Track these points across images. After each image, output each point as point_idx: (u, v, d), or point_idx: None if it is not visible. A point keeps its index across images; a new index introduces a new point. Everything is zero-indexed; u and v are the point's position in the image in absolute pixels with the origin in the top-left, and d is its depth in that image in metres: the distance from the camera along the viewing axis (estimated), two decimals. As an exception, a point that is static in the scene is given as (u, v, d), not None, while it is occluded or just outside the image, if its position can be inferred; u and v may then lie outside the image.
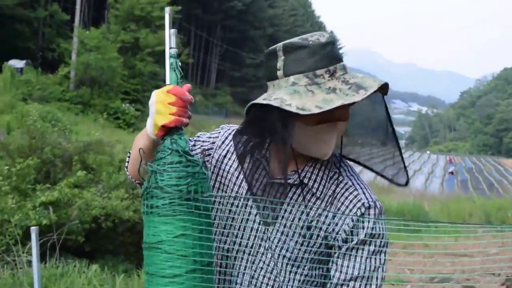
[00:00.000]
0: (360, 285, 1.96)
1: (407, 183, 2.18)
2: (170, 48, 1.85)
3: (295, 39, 1.96)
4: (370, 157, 2.25)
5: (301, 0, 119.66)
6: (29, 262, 11.07)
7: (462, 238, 14.12)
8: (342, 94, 1.83)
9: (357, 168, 2.26)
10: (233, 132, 2.12)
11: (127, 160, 2.28)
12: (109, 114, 36.08)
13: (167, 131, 1.78)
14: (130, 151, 2.21)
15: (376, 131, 2.26)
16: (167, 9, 1.86)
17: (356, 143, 2.31)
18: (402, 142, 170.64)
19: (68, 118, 22.34)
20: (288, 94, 1.87)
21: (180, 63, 1.85)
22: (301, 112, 1.78)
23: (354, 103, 1.83)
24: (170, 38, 1.86)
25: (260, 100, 1.91)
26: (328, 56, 1.90)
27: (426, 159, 78.08)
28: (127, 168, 2.28)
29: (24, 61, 38.76)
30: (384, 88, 1.94)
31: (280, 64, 1.96)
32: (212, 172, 2.16)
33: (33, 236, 1.85)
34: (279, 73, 1.96)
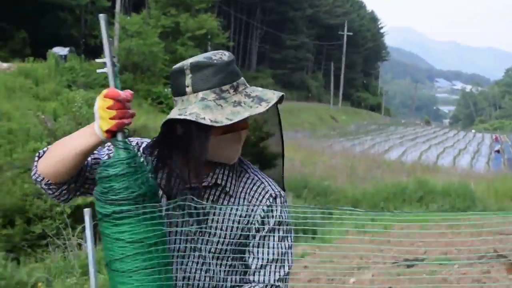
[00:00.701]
0: (275, 266, 2.12)
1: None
2: (108, 59, 1.94)
3: (200, 58, 2.09)
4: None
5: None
6: (79, 245, 11.25)
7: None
8: (247, 106, 2.02)
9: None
10: (143, 146, 2.27)
11: (39, 155, 2.21)
12: (152, 99, 36.33)
13: (112, 134, 1.90)
14: (49, 146, 2.18)
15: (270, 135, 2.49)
16: (102, 16, 1.93)
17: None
18: (446, 121, 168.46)
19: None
20: (200, 109, 2.00)
21: (117, 68, 1.98)
22: (215, 125, 1.95)
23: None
24: (109, 46, 1.94)
25: (175, 115, 2.03)
26: (231, 73, 2.08)
27: (472, 138, 76.54)
28: (36, 163, 2.18)
29: (67, 48, 39.00)
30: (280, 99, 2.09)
31: (188, 81, 2.07)
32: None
33: (87, 218, 1.89)
34: (188, 89, 2.08)
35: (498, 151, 55.19)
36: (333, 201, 19.90)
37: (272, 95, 2.05)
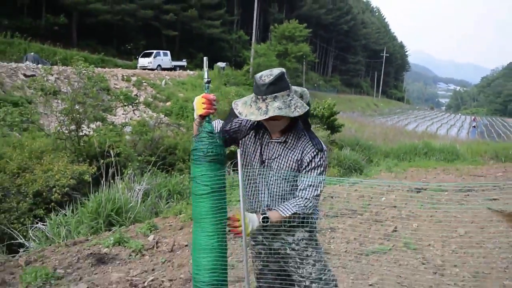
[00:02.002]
0: (312, 188, 2.19)
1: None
2: (206, 78, 2.17)
3: (257, 76, 2.17)
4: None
5: (382, 22, 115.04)
6: (229, 173, 11.40)
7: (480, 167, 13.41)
8: (257, 111, 2.09)
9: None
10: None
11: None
12: (271, 92, 36.59)
13: (203, 117, 2.08)
14: None
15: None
16: (205, 58, 2.21)
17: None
18: (443, 108, 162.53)
19: (248, 95, 22.75)
20: (242, 103, 2.20)
21: (210, 85, 2.20)
22: (238, 115, 2.16)
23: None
24: (205, 73, 2.18)
25: (240, 101, 2.25)
26: (266, 89, 2.08)
27: (458, 118, 73.77)
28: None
29: (224, 63, 39.64)
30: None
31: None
32: (240, 137, 2.39)
33: (239, 154, 2.03)
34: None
35: (474, 127, 52.43)
36: (373, 153, 19.59)
37: (278, 110, 2.06)
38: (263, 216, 2.12)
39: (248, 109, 2.12)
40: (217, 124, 2.34)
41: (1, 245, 7.22)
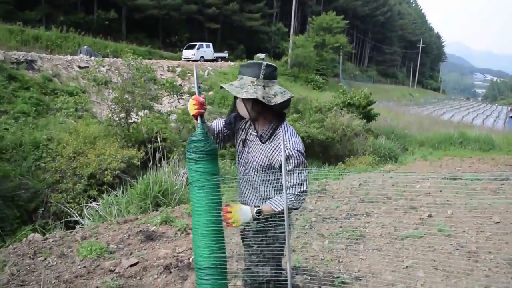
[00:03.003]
0: (298, 186, 2.17)
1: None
2: (199, 84, 2.24)
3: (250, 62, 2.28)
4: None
5: (419, 13, 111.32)
6: None
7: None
8: (238, 89, 2.16)
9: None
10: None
11: None
12: (308, 82, 36.17)
13: (196, 117, 2.17)
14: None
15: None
16: (194, 64, 2.42)
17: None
18: (479, 99, 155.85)
19: (287, 85, 22.62)
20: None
21: (202, 86, 2.23)
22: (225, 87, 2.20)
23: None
24: (195, 79, 2.23)
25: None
26: (239, 71, 2.22)
27: (495, 109, 70.69)
28: None
29: (264, 54, 39.50)
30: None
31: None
32: (235, 129, 2.44)
33: (282, 139, 2.03)
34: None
35: (511, 117, 50.17)
36: (408, 142, 19.20)
37: (226, 85, 2.18)
38: (257, 209, 2.11)
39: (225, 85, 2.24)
40: (218, 122, 2.47)
41: (59, 221, 7.57)
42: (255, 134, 2.29)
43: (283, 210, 2.10)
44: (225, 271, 2.17)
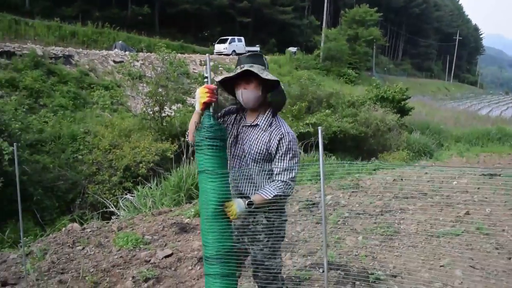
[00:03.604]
0: (288, 172, 2.24)
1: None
2: (206, 76, 2.23)
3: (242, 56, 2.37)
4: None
5: (456, 4, 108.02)
6: (300, 153, 11.39)
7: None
8: (235, 72, 2.25)
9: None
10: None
11: (187, 133, 2.42)
12: (340, 76, 35.73)
13: (205, 106, 2.13)
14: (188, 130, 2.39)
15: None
16: (208, 55, 2.36)
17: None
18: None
19: (319, 78, 22.42)
20: (226, 75, 2.33)
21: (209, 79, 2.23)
22: (219, 80, 2.33)
23: (230, 77, 2.29)
24: (207, 68, 2.24)
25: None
26: (243, 60, 2.29)
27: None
28: (187, 136, 2.41)
29: (295, 48, 39.32)
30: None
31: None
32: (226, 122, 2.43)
33: (320, 133, 1.96)
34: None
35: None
36: (443, 137, 18.74)
37: (248, 67, 2.21)
38: (248, 201, 2.15)
39: (228, 75, 2.30)
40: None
41: (96, 212, 7.77)
42: (249, 124, 2.34)
43: (273, 197, 2.18)
44: (233, 261, 2.16)
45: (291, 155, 2.25)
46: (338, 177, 7.16)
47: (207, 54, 2.47)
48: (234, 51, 32.63)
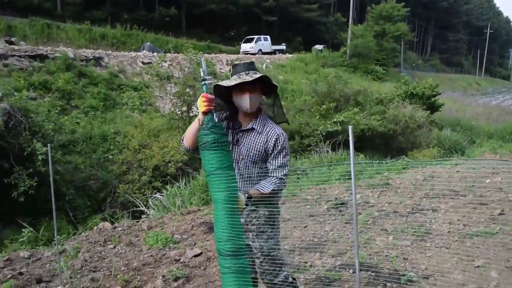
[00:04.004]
0: (281, 169, 2.45)
1: (285, 121, 2.67)
2: (204, 78, 2.30)
3: (237, 65, 2.51)
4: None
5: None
6: (327, 151, 11.28)
7: None
8: (247, 77, 2.37)
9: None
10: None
11: (181, 139, 2.57)
12: (368, 73, 35.23)
13: (205, 113, 2.24)
14: (183, 136, 2.55)
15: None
16: (203, 57, 2.58)
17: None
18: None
19: (346, 76, 22.17)
20: (226, 81, 2.44)
21: (209, 82, 2.32)
22: (226, 85, 2.41)
23: (246, 82, 2.36)
24: (204, 73, 2.31)
25: (223, 81, 2.47)
26: (247, 67, 2.44)
27: None
28: (182, 141, 2.56)
29: (322, 45, 38.98)
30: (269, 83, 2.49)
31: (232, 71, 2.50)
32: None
33: (351, 132, 1.92)
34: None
35: None
36: (475, 134, 18.25)
37: (261, 74, 2.39)
38: (247, 196, 2.34)
39: (235, 81, 2.38)
40: None
41: (126, 211, 7.90)
42: (245, 129, 2.52)
43: (270, 192, 2.39)
44: (245, 257, 2.25)
45: (284, 153, 2.47)
46: (367, 176, 7.05)
47: (203, 56, 2.65)
48: (260, 50, 32.62)
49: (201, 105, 2.24)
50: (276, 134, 2.45)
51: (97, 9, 32.78)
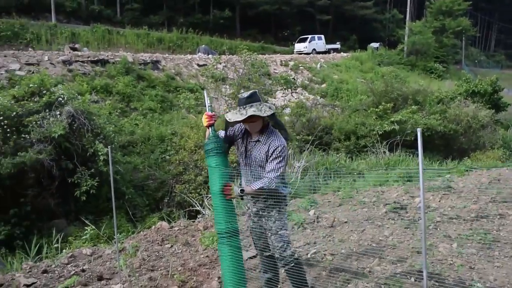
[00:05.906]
0: (274, 171, 2.98)
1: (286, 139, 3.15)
2: (208, 104, 3.19)
3: (240, 96, 3.14)
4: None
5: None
6: (384, 152, 10.97)
7: None
8: (241, 115, 2.94)
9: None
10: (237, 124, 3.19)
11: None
12: (426, 71, 33.94)
13: (207, 126, 3.06)
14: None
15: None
16: (205, 90, 3.46)
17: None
18: None
19: (403, 74, 21.43)
20: (231, 113, 3.06)
21: (211, 107, 3.16)
22: (228, 120, 3.01)
23: (237, 121, 3.03)
24: (206, 100, 3.24)
25: (230, 112, 3.10)
26: (244, 101, 2.98)
27: None
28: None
29: (378, 43, 38.11)
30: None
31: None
32: (235, 140, 3.24)
33: (419, 135, 1.81)
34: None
35: None
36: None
37: (251, 112, 2.91)
38: (240, 189, 2.91)
39: (235, 115, 2.98)
40: (221, 132, 3.23)
41: (182, 210, 8.05)
42: (255, 140, 3.11)
43: (258, 189, 2.93)
44: (238, 236, 3.06)
45: (278, 160, 3.00)
46: (427, 178, 6.75)
47: (204, 91, 3.53)
48: (314, 49, 32.31)
49: (203, 121, 3.05)
50: (275, 145, 3.02)
51: (155, 14, 33.83)
